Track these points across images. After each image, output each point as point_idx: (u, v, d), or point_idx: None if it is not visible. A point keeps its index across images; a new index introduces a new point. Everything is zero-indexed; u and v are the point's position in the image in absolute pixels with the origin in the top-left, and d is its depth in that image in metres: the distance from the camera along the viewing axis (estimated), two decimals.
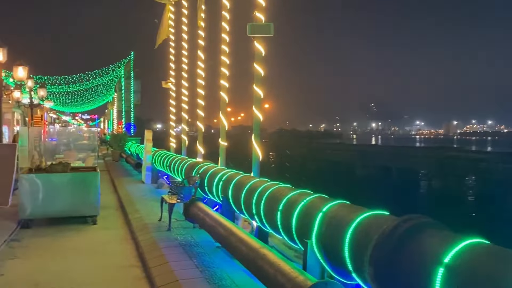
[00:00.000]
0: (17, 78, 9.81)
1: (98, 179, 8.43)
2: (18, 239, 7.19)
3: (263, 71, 7.32)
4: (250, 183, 5.60)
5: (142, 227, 7.57)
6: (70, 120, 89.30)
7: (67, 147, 15.47)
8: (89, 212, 8.36)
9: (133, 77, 33.73)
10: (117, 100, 43.17)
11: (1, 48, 9.44)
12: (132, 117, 34.02)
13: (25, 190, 7.91)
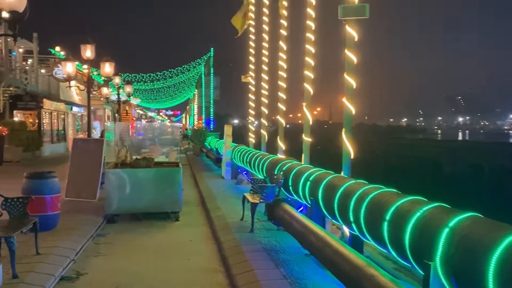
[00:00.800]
0: (104, 74, 10.01)
1: (180, 175, 8.25)
2: (104, 234, 7.20)
3: (356, 58, 6.56)
4: (345, 185, 4.92)
5: (224, 226, 7.22)
6: (155, 116, 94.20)
7: (152, 142, 15.84)
8: (172, 208, 8.22)
9: (212, 73, 34.27)
10: (197, 96, 44.35)
11: (89, 45, 9.65)
12: (211, 113, 34.62)
13: (111, 185, 7.94)
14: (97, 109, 37.30)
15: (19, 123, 21.51)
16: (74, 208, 8.60)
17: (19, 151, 19.51)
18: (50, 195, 6.65)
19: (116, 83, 15.37)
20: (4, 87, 21.28)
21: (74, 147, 10.03)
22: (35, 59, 27.71)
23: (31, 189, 6.54)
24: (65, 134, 29.72)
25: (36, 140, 22.21)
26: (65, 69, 9.57)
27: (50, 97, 26.38)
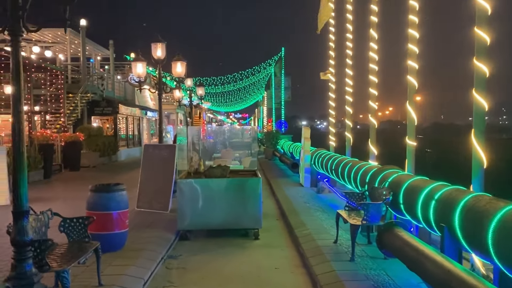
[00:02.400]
0: (176, 74, 9.23)
1: (260, 186, 7.15)
2: (175, 256, 6.26)
3: (489, 38, 5.02)
4: (502, 210, 3.45)
5: (315, 250, 5.98)
6: (225, 119, 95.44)
7: (223, 146, 15.03)
8: (251, 225, 7.14)
9: (283, 74, 33.20)
10: (267, 97, 43.56)
11: (160, 44, 8.91)
12: (282, 114, 33.53)
13: (183, 197, 7.04)
14: (170, 113, 37.83)
15: (96, 129, 21.91)
16: (145, 221, 7.84)
17: (95, 156, 19.75)
18: (117, 210, 5.84)
19: (188, 85, 14.79)
20: (82, 93, 21.79)
21: (145, 153, 9.35)
22: (111, 65, 28.46)
23: (96, 204, 5.79)
24: (140, 138, 30.25)
25: (112, 145, 22.51)
26: (135, 70, 8.90)
27: (126, 103, 26.87)
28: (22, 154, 3.37)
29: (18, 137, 3.33)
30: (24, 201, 3.37)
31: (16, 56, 3.31)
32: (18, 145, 3.34)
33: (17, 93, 3.32)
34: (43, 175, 14.61)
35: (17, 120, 3.35)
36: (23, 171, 3.37)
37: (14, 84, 3.31)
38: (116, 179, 15.44)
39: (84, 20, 23.44)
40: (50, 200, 10.47)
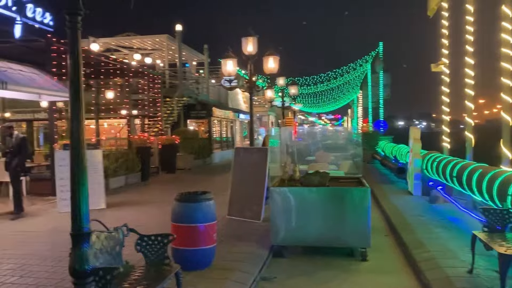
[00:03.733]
0: (268, 70, 8.45)
1: (368, 198, 5.99)
2: (269, 278, 5.37)
3: None
4: None
5: (444, 282, 4.69)
6: (316, 121, 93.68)
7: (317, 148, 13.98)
8: (357, 243, 6.02)
9: (382, 70, 31.00)
10: (362, 96, 41.34)
11: (251, 38, 8.17)
12: (381, 114, 31.32)
13: (276, 208, 6.15)
14: (262, 115, 37.65)
15: (191, 132, 22.19)
16: (235, 231, 7.12)
17: (190, 158, 19.91)
18: (204, 223, 5.13)
19: (280, 85, 14.03)
20: (178, 97, 22.22)
21: (236, 157, 8.68)
22: (205, 70, 28.92)
23: (181, 215, 5.14)
24: (233, 140, 30.38)
25: (206, 147, 22.66)
26: (225, 67, 8.28)
27: (220, 106, 27.07)
28: (82, 162, 2.72)
29: (76, 134, 2.67)
30: (84, 221, 2.72)
31: (73, 41, 2.67)
32: (77, 149, 2.69)
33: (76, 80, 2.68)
34: (141, 178, 14.84)
35: (76, 118, 2.71)
36: (84, 185, 2.73)
37: (73, 75, 2.68)
38: (210, 181, 15.28)
39: (180, 25, 23.96)
40: (146, 203, 10.34)
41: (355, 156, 9.20)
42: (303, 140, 13.91)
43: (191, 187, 13.47)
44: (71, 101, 2.75)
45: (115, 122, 23.04)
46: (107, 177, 12.44)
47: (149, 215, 8.75)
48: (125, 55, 27.75)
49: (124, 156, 13.96)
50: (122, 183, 13.55)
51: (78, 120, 2.74)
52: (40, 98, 10.60)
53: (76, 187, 2.72)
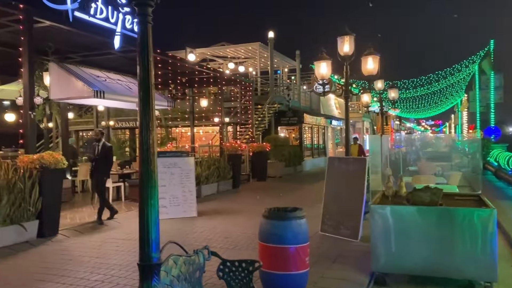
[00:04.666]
0: (366, 72, 7.59)
1: (494, 221, 4.93)
2: None
3: None
4: None
5: None
6: (414, 127, 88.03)
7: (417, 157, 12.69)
8: (478, 275, 4.98)
9: (492, 71, 27.83)
10: (468, 100, 37.69)
11: (347, 37, 7.45)
12: (491, 119, 28.11)
13: (377, 229, 5.34)
14: (356, 121, 36.13)
15: (282, 139, 21.82)
16: (329, 251, 6.42)
17: (281, 166, 19.52)
18: (295, 244, 4.54)
19: (378, 88, 12.99)
20: (269, 104, 22.03)
21: (330, 167, 7.97)
22: (297, 76, 28.50)
23: (269, 234, 4.61)
24: (324, 148, 29.45)
25: (297, 155, 22.12)
26: (318, 70, 7.65)
27: (311, 112, 26.41)
28: (152, 178, 2.30)
29: (146, 145, 2.26)
30: (154, 250, 2.29)
31: (143, 37, 2.28)
32: (146, 164, 2.28)
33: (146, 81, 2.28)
34: (232, 185, 14.76)
35: (146, 127, 2.31)
36: (154, 206, 2.30)
37: (142, 72, 2.28)
38: (301, 190, 14.69)
39: (272, 32, 23.85)
40: (236, 212, 10.07)
41: (472, 167, 7.93)
42: (403, 148, 12.70)
43: (281, 196, 13.01)
44: (140, 106, 2.37)
45: (209, 130, 23.58)
46: (199, 184, 12.51)
47: (238, 227, 8.42)
48: (219, 65, 28.45)
49: (216, 163, 13.97)
50: (214, 190, 13.54)
51: (148, 129, 2.34)
52: (136, 106, 10.90)
53: (144, 207, 2.31)
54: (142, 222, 2.32)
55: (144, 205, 2.33)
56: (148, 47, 2.35)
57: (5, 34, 9.41)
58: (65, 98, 9.41)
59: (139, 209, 2.36)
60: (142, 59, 2.34)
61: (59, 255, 6.56)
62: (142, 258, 2.34)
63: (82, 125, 24.02)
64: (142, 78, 2.33)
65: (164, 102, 11.16)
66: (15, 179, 7.12)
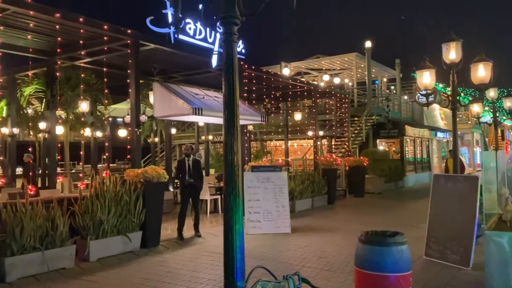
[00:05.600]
0: (477, 80, 6.82)
1: None
2: None
3: None
4: None
5: None
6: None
7: None
8: None
9: None
10: None
11: (453, 43, 6.79)
12: None
13: (493, 259, 4.66)
14: (465, 133, 33.21)
15: (381, 152, 20.80)
16: (435, 280, 5.80)
17: (380, 181, 18.55)
18: (395, 273, 4.12)
19: (491, 97, 11.70)
20: (367, 116, 21.21)
21: (436, 185, 7.26)
22: (397, 85, 27.15)
23: (366, 261, 4.25)
24: (429, 162, 27.41)
25: (398, 169, 20.87)
26: (420, 80, 7.07)
27: (413, 124, 24.87)
28: (236, 200, 2.18)
29: (230, 157, 2.16)
30: (238, 279, 2.16)
31: (228, 55, 2.20)
32: (231, 184, 2.18)
33: (231, 100, 2.19)
34: (327, 201, 14.35)
35: (231, 137, 2.21)
36: (239, 232, 2.18)
37: (227, 90, 2.21)
38: (402, 208, 13.74)
39: (369, 42, 23.09)
40: (331, 230, 9.70)
41: None
42: None
43: (380, 214, 12.27)
44: (225, 125, 2.28)
45: (303, 143, 23.42)
46: (293, 199, 12.35)
47: (334, 246, 8.06)
48: (314, 77, 28.28)
49: (310, 177, 13.71)
50: (308, 206, 13.27)
51: (233, 150, 2.24)
52: None
53: (228, 234, 2.20)
54: (227, 250, 2.22)
55: (228, 232, 2.23)
56: (233, 65, 2.28)
57: (116, 58, 10.33)
58: (167, 116, 9.95)
59: (223, 236, 2.27)
60: (227, 77, 2.27)
61: (159, 267, 6.84)
62: (227, 287, 2.23)
63: (184, 139, 25.44)
64: (227, 96, 2.26)
65: (258, 117, 11.27)
66: (122, 192, 7.64)
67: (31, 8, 7.41)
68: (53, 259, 6.38)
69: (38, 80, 12.05)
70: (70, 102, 12.21)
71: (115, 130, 19.37)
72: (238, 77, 2.34)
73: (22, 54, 9.98)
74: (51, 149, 10.83)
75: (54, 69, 10.46)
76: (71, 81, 11.88)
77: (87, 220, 7.10)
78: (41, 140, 14.56)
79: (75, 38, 9.08)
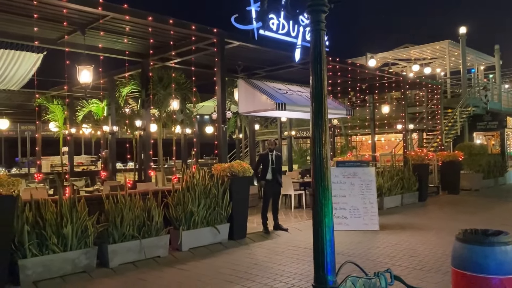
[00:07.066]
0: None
1: None
2: None
3: None
4: None
5: None
6: None
7: None
8: None
9: None
10: None
11: None
12: None
13: None
14: None
15: (478, 146, 19.18)
16: None
17: (478, 177, 17.14)
18: (499, 275, 3.78)
19: None
20: (462, 107, 19.71)
21: None
22: (497, 73, 24.85)
23: (465, 261, 3.94)
24: None
25: (498, 164, 19.12)
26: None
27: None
28: (325, 194, 2.14)
29: (319, 150, 2.12)
30: (329, 273, 2.11)
31: (315, 45, 2.15)
32: (319, 178, 2.13)
33: (319, 91, 2.15)
34: (418, 198, 13.61)
35: (319, 129, 2.16)
36: (329, 226, 2.13)
37: (314, 82, 2.16)
38: (502, 207, 12.54)
39: (464, 28, 21.41)
40: (423, 229, 9.19)
41: None
42: None
43: (477, 213, 11.33)
44: (313, 117, 2.24)
45: (392, 137, 22.45)
46: (381, 196, 11.90)
47: (426, 245, 7.62)
48: (403, 68, 26.94)
49: (400, 173, 13.09)
50: (398, 203, 12.70)
51: (321, 141, 2.19)
52: None
53: (318, 228, 2.16)
54: (317, 244, 2.18)
55: (318, 225, 2.19)
56: (321, 55, 2.22)
57: (203, 57, 10.75)
58: (251, 112, 10.14)
59: (313, 230, 2.23)
60: (314, 68, 2.22)
61: (246, 259, 7.00)
62: (317, 280, 2.19)
63: (267, 135, 25.77)
64: (314, 87, 2.21)
65: (343, 110, 11.01)
66: (210, 185, 7.94)
67: (127, 13, 7.98)
68: (149, 247, 6.83)
69: (134, 81, 12.97)
70: (163, 101, 12.95)
71: (202, 127, 20.25)
72: (326, 69, 2.27)
73: (119, 57, 10.81)
74: (146, 145, 11.61)
75: (147, 70, 11.19)
76: (163, 81, 12.60)
77: (179, 212, 7.49)
78: (137, 137, 15.69)
79: (166, 39, 9.61)
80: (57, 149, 18.52)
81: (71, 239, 6.03)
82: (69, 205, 6.15)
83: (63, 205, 6.11)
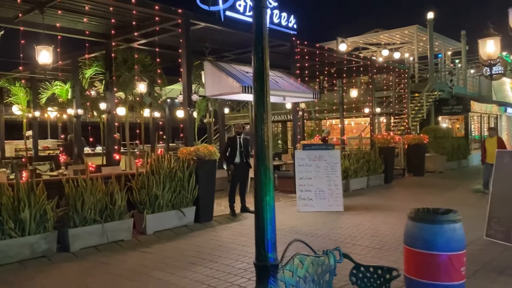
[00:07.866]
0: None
1: None
2: None
3: None
4: None
5: None
6: None
7: None
8: None
9: None
10: None
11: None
12: None
13: None
14: None
15: (443, 130, 19.73)
16: (495, 261, 5.47)
17: (442, 160, 17.68)
18: (447, 252, 3.92)
19: None
20: (428, 91, 20.15)
21: (499, 163, 6.79)
22: (462, 59, 25.47)
23: (415, 239, 4.08)
24: None
25: (462, 147, 19.75)
26: (483, 50, 6.55)
27: (480, 99, 23.29)
28: (266, 172, 2.15)
29: (261, 130, 2.13)
30: (269, 251, 2.14)
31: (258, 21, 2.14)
32: (260, 158, 2.14)
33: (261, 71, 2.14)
34: (384, 180, 13.94)
35: (260, 109, 2.16)
36: (269, 203, 2.15)
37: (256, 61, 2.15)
38: (464, 188, 12.97)
39: (432, 13, 21.74)
40: (386, 210, 9.43)
41: None
42: None
43: (440, 194, 11.70)
44: (255, 97, 2.23)
45: (360, 121, 22.79)
46: (347, 178, 12.12)
47: (388, 225, 7.83)
48: (373, 52, 27.22)
49: (366, 156, 13.35)
50: (364, 185, 12.98)
51: (263, 121, 2.19)
52: (284, 100, 11.08)
53: (259, 206, 2.18)
54: (258, 221, 2.20)
55: (259, 204, 2.21)
56: (263, 33, 2.21)
57: (169, 38, 10.54)
58: (218, 95, 10.07)
59: (254, 208, 2.25)
60: (256, 48, 2.21)
61: (211, 240, 7.04)
62: (258, 258, 2.22)
63: (238, 119, 25.68)
64: (256, 67, 2.20)
65: (310, 94, 11.07)
66: (175, 169, 7.88)
67: None
68: (112, 231, 6.76)
69: (97, 62, 12.61)
70: (128, 83, 12.67)
71: (173, 111, 19.98)
72: (268, 47, 2.26)
73: (81, 37, 10.46)
74: (111, 128, 11.39)
75: (111, 51, 10.88)
76: (128, 63, 12.29)
77: (143, 195, 7.43)
78: (105, 120, 15.35)
79: (129, 19, 9.34)
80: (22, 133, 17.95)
81: (29, 224, 5.90)
82: (26, 189, 6.00)
83: (20, 189, 5.95)
